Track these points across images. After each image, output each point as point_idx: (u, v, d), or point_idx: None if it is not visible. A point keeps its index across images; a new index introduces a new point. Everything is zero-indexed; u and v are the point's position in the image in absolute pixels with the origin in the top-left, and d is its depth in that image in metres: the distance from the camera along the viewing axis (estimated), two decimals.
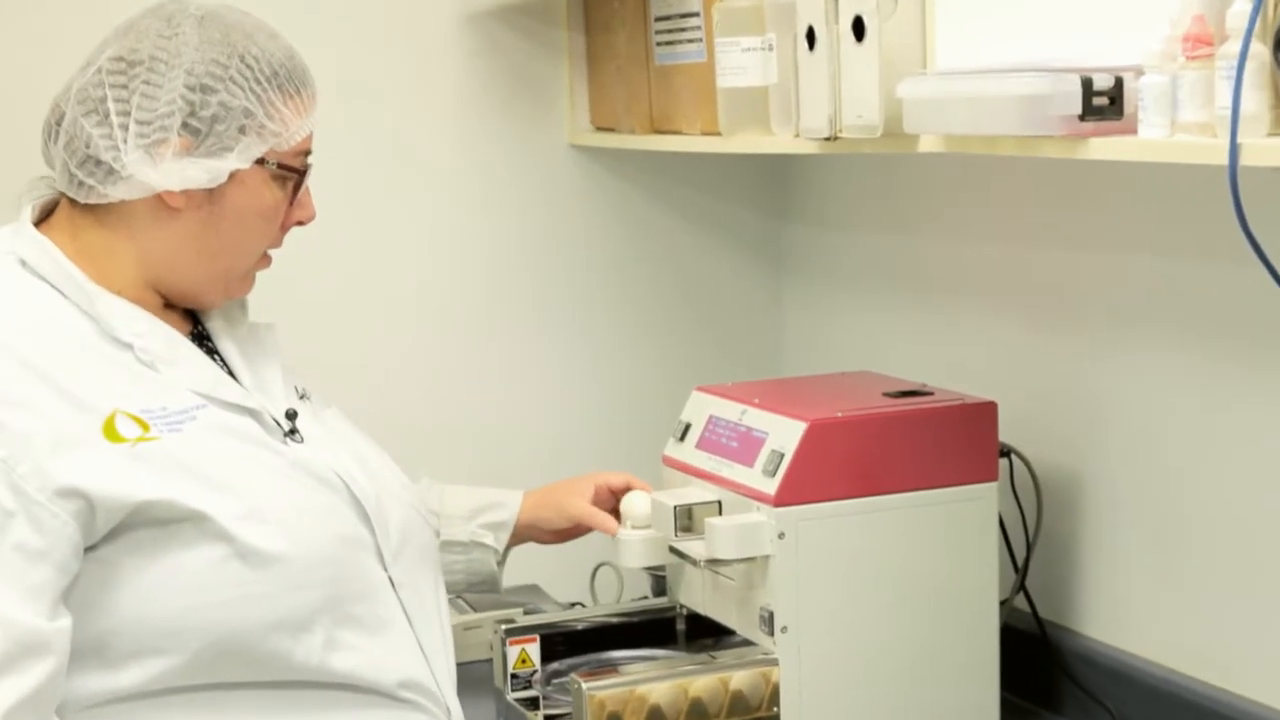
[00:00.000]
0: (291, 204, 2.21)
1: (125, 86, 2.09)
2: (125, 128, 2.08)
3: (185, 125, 2.08)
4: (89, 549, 2.01)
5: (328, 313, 3.16)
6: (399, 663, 2.18)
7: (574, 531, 2.67)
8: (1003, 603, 2.63)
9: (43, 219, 2.19)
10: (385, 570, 2.20)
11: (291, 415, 2.23)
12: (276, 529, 2.08)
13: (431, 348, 3.25)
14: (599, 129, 3.25)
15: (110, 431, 2.03)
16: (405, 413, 3.22)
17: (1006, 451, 2.65)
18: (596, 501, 2.63)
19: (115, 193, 2.10)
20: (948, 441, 2.55)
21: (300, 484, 2.16)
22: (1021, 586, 2.71)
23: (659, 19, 2.97)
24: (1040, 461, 2.69)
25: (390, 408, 3.19)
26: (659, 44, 2.98)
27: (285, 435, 2.20)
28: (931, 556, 2.54)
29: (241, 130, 2.10)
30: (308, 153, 2.20)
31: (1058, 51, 2.16)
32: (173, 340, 2.17)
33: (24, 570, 1.95)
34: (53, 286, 2.11)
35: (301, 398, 2.31)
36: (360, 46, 3.14)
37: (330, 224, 3.12)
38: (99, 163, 2.09)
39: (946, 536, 2.55)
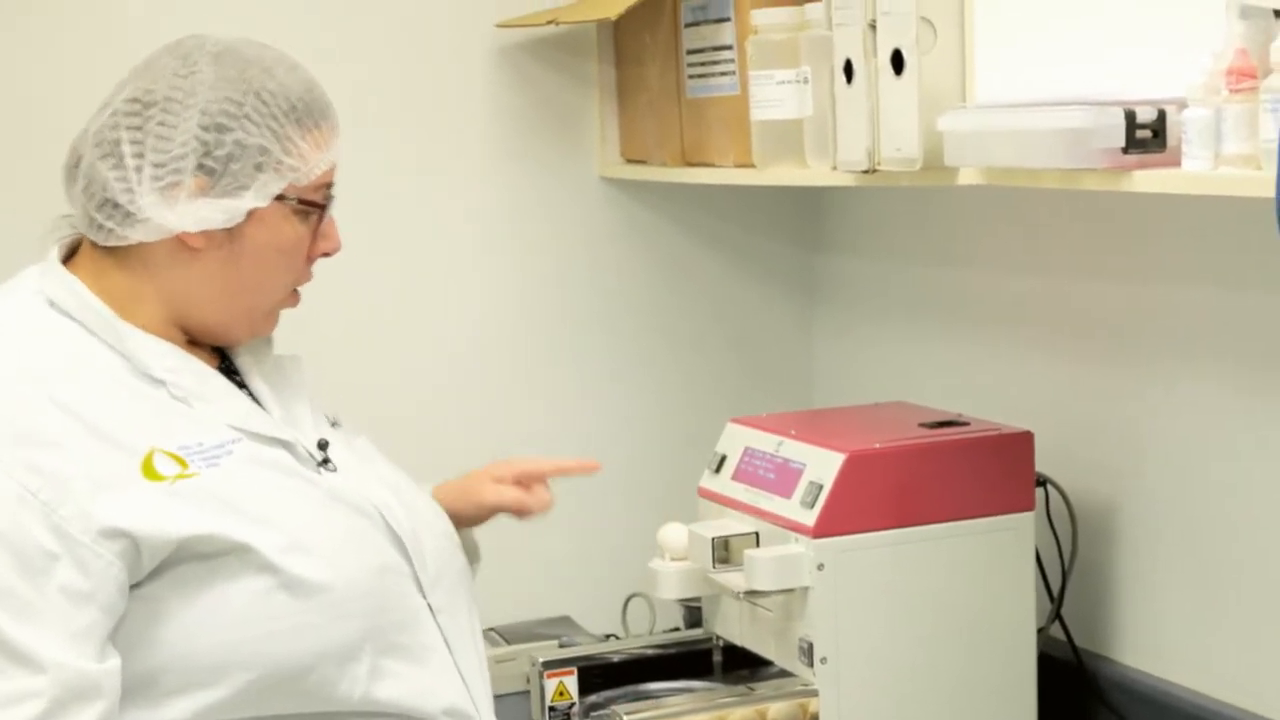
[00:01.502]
0: (315, 237, 2.18)
1: (140, 128, 2.07)
2: (140, 170, 2.06)
3: (200, 166, 2.05)
4: (134, 587, 2.00)
5: (359, 343, 3.16)
6: (442, 690, 2.17)
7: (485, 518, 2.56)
8: (1039, 631, 2.64)
9: (68, 257, 2.17)
10: (424, 598, 2.19)
11: (324, 445, 2.22)
12: (319, 559, 2.07)
13: (462, 380, 3.26)
14: (629, 161, 3.26)
15: (149, 470, 2.02)
16: (436, 445, 3.20)
17: (1042, 481, 2.66)
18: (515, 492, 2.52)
19: (133, 235, 2.07)
20: (985, 472, 2.56)
21: (338, 513, 2.15)
22: (1057, 615, 2.72)
23: (691, 52, 2.98)
24: (1076, 491, 2.70)
25: (421, 440, 3.18)
26: (691, 76, 2.99)
27: (319, 465, 2.19)
28: (969, 586, 2.56)
29: (258, 168, 2.07)
30: (329, 185, 2.17)
31: (1100, 84, 2.17)
32: (204, 375, 2.16)
33: (71, 613, 1.94)
34: (82, 325, 2.09)
35: (333, 425, 2.30)
36: (392, 80, 3.15)
37: (362, 256, 3.14)
38: (116, 205, 2.07)
39: (984, 566, 2.56)
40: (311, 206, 2.14)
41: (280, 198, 2.10)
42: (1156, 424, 2.61)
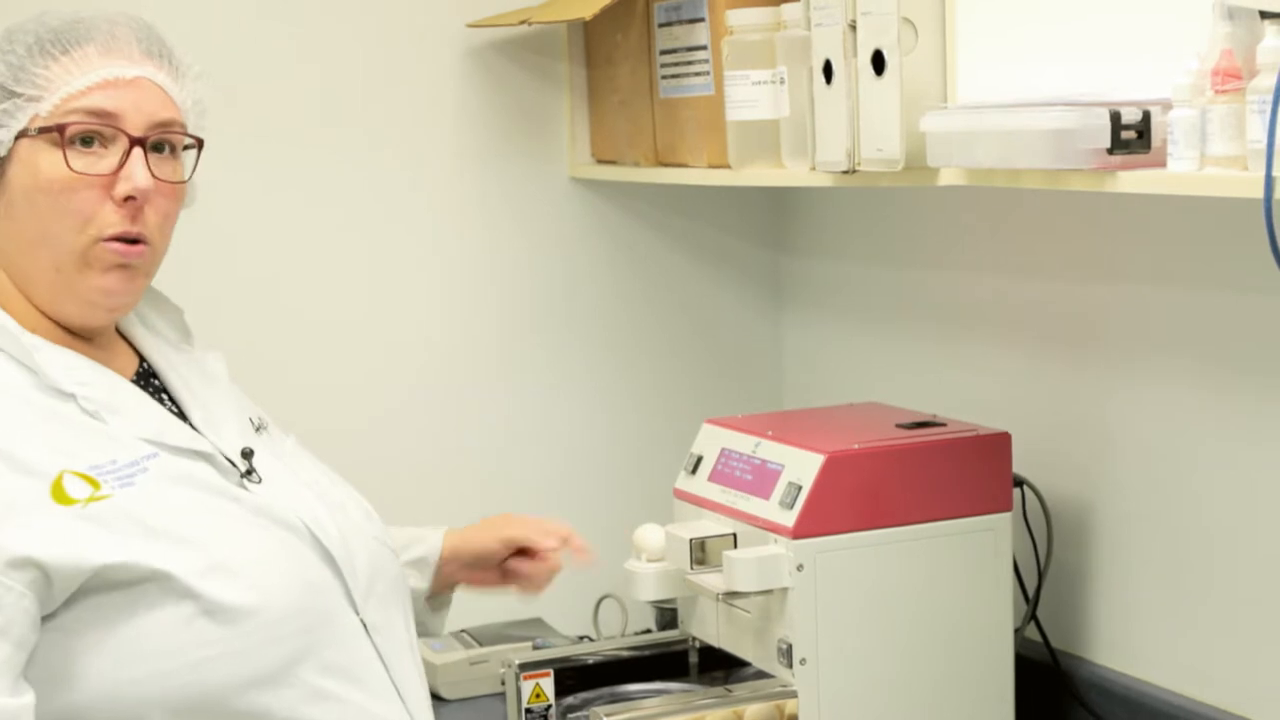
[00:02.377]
0: (117, 173, 2.01)
1: None
2: None
3: None
4: (46, 618, 1.91)
5: (326, 343, 3.15)
6: (376, 709, 2.08)
7: (498, 573, 2.52)
8: (1016, 632, 2.64)
9: None
10: (357, 614, 2.09)
11: (248, 454, 2.12)
12: (243, 581, 1.98)
13: (432, 381, 3.24)
14: (600, 162, 3.25)
15: (59, 494, 1.92)
16: (406, 447, 3.22)
17: (1018, 482, 2.66)
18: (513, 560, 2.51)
19: None
20: (963, 473, 2.56)
21: (262, 530, 2.05)
22: (1033, 616, 2.72)
23: (664, 52, 2.98)
24: (1051, 492, 2.70)
25: (392, 442, 3.19)
26: (664, 77, 2.98)
27: (242, 476, 2.09)
28: (947, 586, 2.56)
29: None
30: (103, 114, 2.01)
31: (1083, 84, 2.18)
32: (115, 385, 2.06)
33: None
34: None
35: (258, 430, 2.20)
36: (362, 80, 3.14)
37: (331, 256, 3.16)
38: None
39: (962, 567, 2.57)
40: (55, 130, 2.00)
41: (23, 134, 2.00)
42: (1131, 424, 2.62)
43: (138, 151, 2.02)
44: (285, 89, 3.08)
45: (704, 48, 2.86)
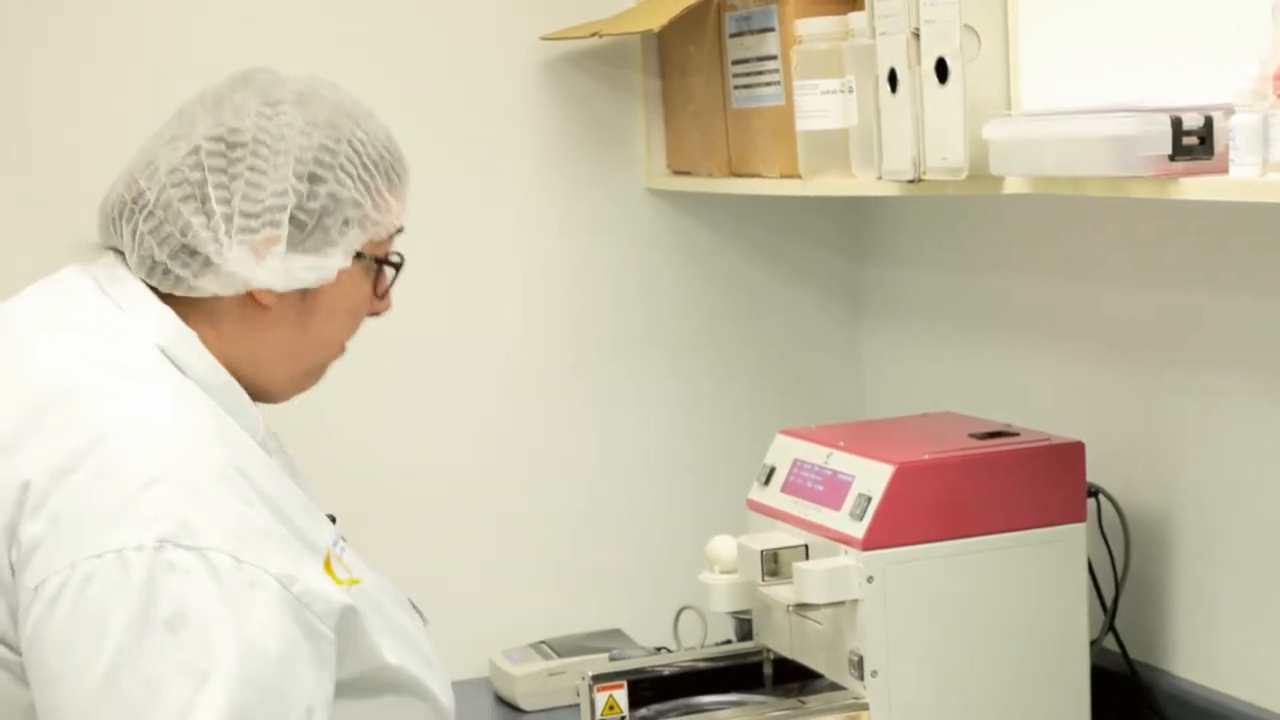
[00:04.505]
0: (376, 295, 2.06)
1: (225, 171, 1.91)
2: (229, 219, 1.89)
3: (292, 218, 1.91)
4: None
5: (406, 358, 3.16)
6: None
7: None
8: (1092, 643, 2.61)
9: None
10: None
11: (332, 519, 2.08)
12: (440, 677, 2.04)
13: (509, 392, 3.25)
14: (675, 172, 3.25)
15: (330, 571, 1.88)
16: (487, 459, 3.23)
17: (1094, 492, 2.64)
18: None
19: (207, 287, 1.92)
20: (1035, 482, 2.54)
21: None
22: (1111, 627, 2.69)
23: (736, 62, 2.97)
24: (1128, 502, 2.67)
25: (473, 454, 3.20)
26: (736, 87, 2.98)
27: None
28: (1020, 598, 2.53)
29: (347, 223, 1.94)
30: (394, 236, 2.06)
31: (1145, 91, 2.15)
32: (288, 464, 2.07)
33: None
34: (200, 386, 1.91)
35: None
36: (438, 95, 3.15)
37: (408, 270, 3.16)
38: (194, 254, 1.90)
39: (1035, 578, 2.54)
40: (388, 266, 2.04)
41: (358, 255, 1.99)
42: (1209, 433, 2.59)
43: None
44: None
45: (774, 57, 2.84)
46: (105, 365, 1.87)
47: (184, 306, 1.94)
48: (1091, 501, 2.62)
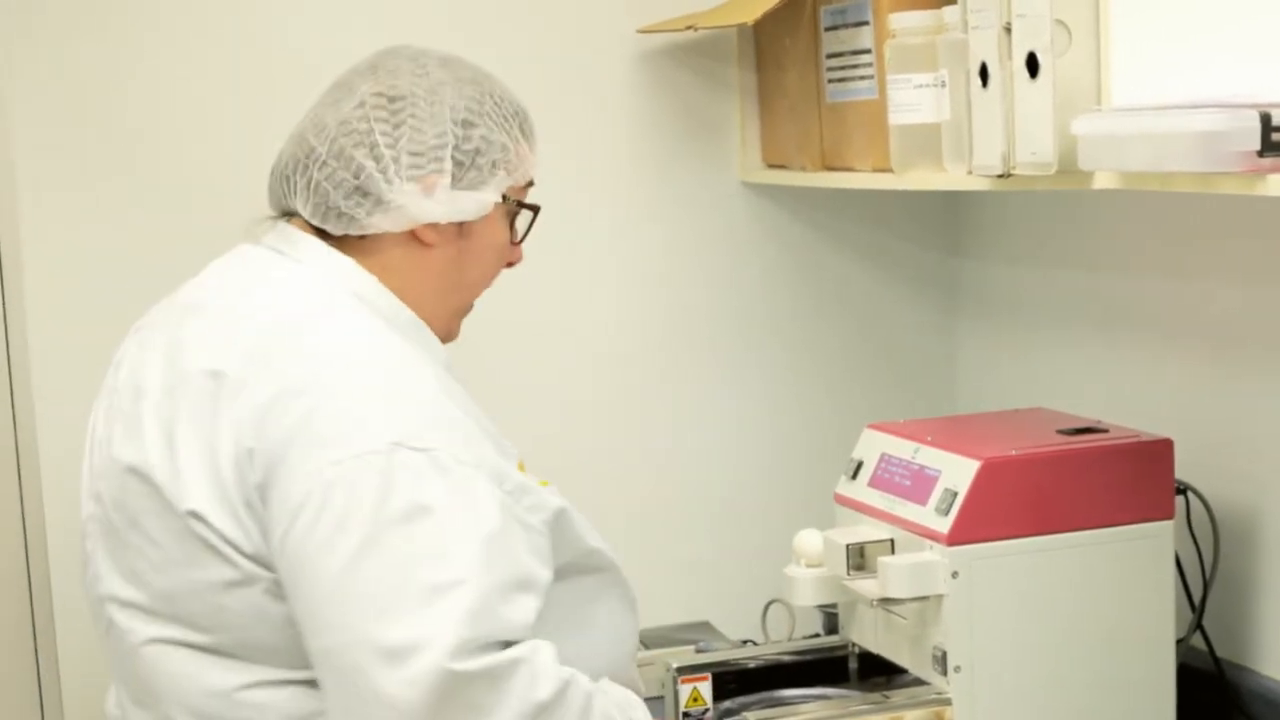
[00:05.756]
0: (514, 243, 2.27)
1: (389, 120, 2.12)
2: (397, 160, 2.11)
3: (453, 158, 2.13)
4: None
5: (504, 347, 3.18)
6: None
7: None
8: (1179, 641, 2.60)
9: None
10: None
11: None
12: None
13: (604, 383, 3.27)
14: (770, 166, 3.25)
15: (525, 474, 2.10)
16: (581, 450, 3.24)
17: (1183, 489, 2.62)
18: None
19: (378, 224, 2.13)
20: (1123, 479, 2.53)
21: None
22: (1199, 625, 2.67)
23: (830, 56, 2.97)
24: (1217, 499, 2.66)
25: (566, 445, 3.21)
26: (830, 81, 2.98)
27: None
28: (1106, 595, 2.52)
29: (495, 165, 2.16)
30: (527, 188, 2.27)
31: (1236, 86, 2.14)
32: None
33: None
34: (389, 323, 2.13)
35: None
36: (535, 88, 3.11)
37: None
38: (366, 194, 2.12)
39: (1122, 575, 2.53)
40: (528, 208, 2.24)
41: (504, 199, 2.20)
42: None
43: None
44: None
45: (868, 51, 2.84)
46: (311, 305, 2.10)
47: (358, 251, 2.16)
48: (1180, 499, 2.61)
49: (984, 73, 2.45)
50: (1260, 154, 2.04)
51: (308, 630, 1.93)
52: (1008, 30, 2.38)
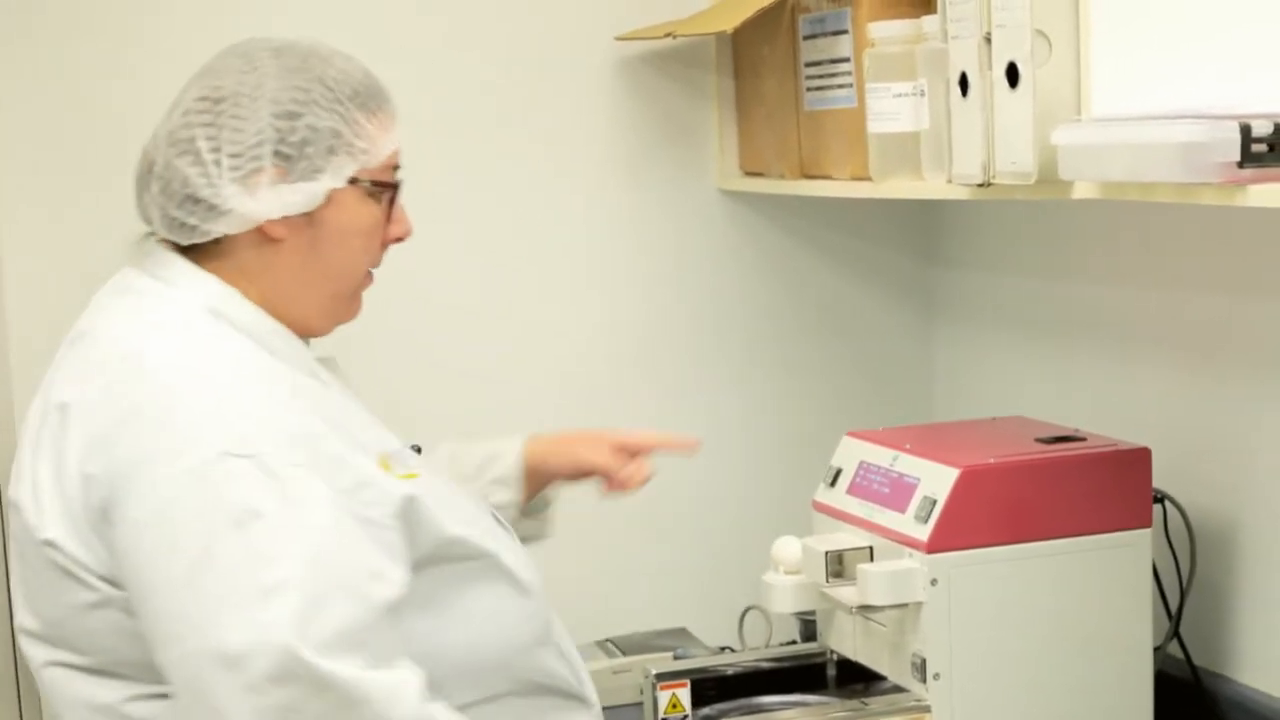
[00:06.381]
0: (388, 220, 2.21)
1: (212, 124, 2.09)
2: (218, 163, 2.08)
3: (276, 153, 2.09)
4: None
5: (477, 353, 3.19)
6: (581, 672, 2.32)
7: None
8: (1157, 649, 2.61)
9: None
10: None
11: (417, 449, 2.27)
12: (522, 559, 2.22)
13: (579, 389, 3.27)
14: (748, 173, 3.26)
15: (387, 468, 2.09)
16: None
17: (1160, 498, 2.63)
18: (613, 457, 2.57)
19: (216, 228, 2.10)
20: (1101, 488, 2.54)
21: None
22: (1175, 633, 2.69)
23: (809, 64, 2.97)
24: (1194, 507, 2.67)
25: None
26: (809, 89, 2.98)
27: None
28: (1085, 603, 2.53)
29: (331, 151, 2.11)
30: (396, 168, 2.21)
31: (1216, 97, 2.14)
32: (343, 387, 2.23)
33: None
34: (247, 335, 2.12)
35: None
36: (513, 94, 3.17)
37: (480, 266, 3.19)
38: (197, 201, 2.09)
39: (1100, 583, 2.54)
40: (384, 187, 2.18)
41: (354, 181, 2.14)
42: (1276, 439, 2.58)
43: (400, 199, 2.23)
44: (438, 104, 3.12)
45: (847, 60, 2.85)
46: (156, 326, 2.09)
47: (210, 259, 2.13)
48: (1157, 507, 2.62)
49: (964, 82, 2.45)
50: (1240, 165, 2.04)
51: (154, 645, 1.94)
52: (988, 40, 2.39)
